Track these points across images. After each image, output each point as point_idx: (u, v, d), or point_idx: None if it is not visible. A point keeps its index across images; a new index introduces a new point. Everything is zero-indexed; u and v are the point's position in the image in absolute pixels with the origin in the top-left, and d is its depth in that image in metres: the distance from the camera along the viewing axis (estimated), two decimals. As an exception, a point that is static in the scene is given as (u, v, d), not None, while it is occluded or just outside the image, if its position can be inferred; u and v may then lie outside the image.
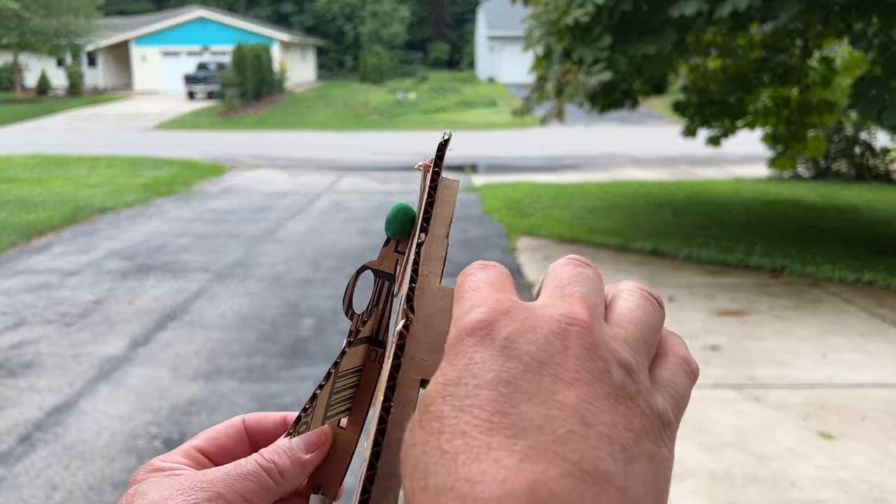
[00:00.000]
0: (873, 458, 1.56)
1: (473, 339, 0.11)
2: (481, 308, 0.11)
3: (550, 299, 0.12)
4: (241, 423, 0.18)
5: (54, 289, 2.77)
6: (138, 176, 5.88)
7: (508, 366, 0.10)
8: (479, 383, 0.10)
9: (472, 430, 0.10)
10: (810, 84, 3.80)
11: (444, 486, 0.09)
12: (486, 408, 0.10)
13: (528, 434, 0.09)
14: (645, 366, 0.12)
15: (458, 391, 0.10)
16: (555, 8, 2.56)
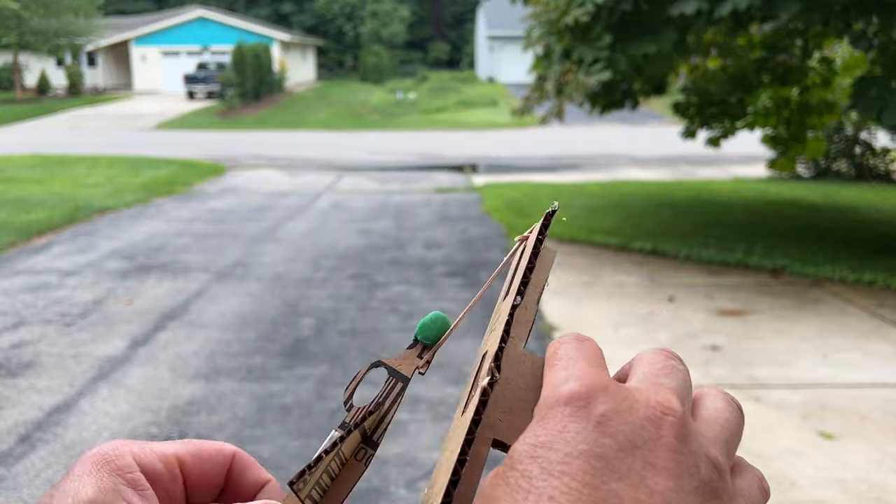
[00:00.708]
0: (873, 457, 1.56)
1: (569, 409, 0.11)
2: (579, 380, 0.12)
3: (644, 384, 0.12)
4: (230, 456, 0.17)
5: (54, 289, 2.77)
6: (138, 176, 5.88)
7: (603, 441, 0.11)
8: (571, 452, 0.10)
9: (560, 496, 0.10)
10: (810, 84, 3.80)
11: None
12: (577, 477, 0.10)
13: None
14: (729, 468, 0.12)
15: (549, 455, 0.11)
16: (555, 7, 2.56)
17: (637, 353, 0.14)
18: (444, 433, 1.66)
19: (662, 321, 2.43)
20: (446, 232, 3.89)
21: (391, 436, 1.64)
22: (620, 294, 2.74)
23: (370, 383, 0.18)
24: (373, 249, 3.49)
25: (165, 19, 17.75)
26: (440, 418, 1.73)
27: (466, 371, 2.02)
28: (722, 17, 2.29)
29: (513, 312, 0.15)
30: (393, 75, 18.61)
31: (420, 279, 2.92)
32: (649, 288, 2.81)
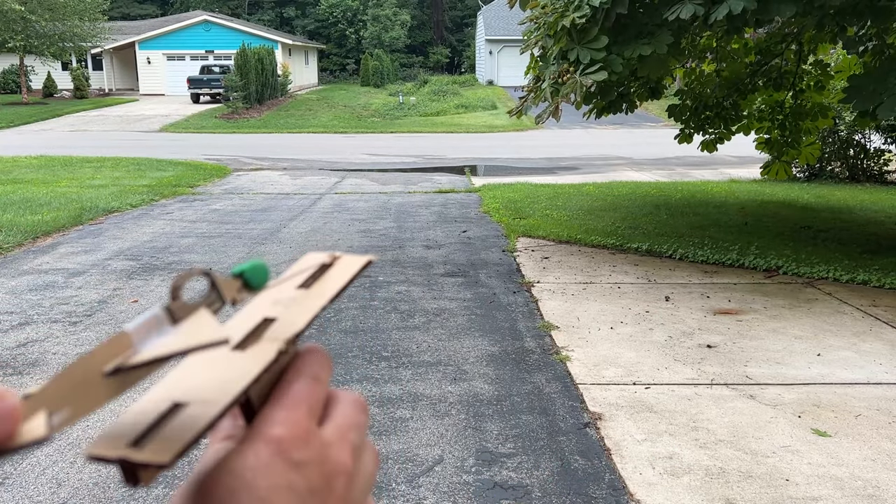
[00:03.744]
0: (867, 455, 1.58)
1: (273, 448, 0.13)
2: (291, 428, 0.14)
3: (335, 437, 0.15)
4: None
5: (60, 288, 2.80)
6: (143, 177, 5.92)
7: (298, 482, 0.13)
8: (272, 485, 0.13)
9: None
10: (804, 88, 3.82)
11: None
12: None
13: None
14: (357, 455, 0.15)
15: (256, 482, 0.13)
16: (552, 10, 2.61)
17: (335, 401, 0.16)
18: (444, 431, 1.67)
19: (659, 320, 2.45)
20: (446, 232, 3.91)
21: (391, 432, 1.66)
22: (617, 294, 2.76)
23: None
24: (374, 249, 3.52)
25: (170, 23, 17.90)
26: (440, 415, 1.75)
27: (465, 369, 2.04)
28: (717, 20, 2.33)
29: (326, 305, 0.17)
30: (394, 79, 18.69)
31: (420, 279, 2.95)
32: (646, 288, 2.83)
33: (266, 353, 0.16)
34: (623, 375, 1.99)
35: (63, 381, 0.13)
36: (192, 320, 0.15)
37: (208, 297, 0.16)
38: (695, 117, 3.95)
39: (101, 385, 0.14)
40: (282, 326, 0.17)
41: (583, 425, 1.70)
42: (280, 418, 0.14)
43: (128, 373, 0.14)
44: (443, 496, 1.42)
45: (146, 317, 0.15)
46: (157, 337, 0.15)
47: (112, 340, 0.14)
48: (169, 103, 14.79)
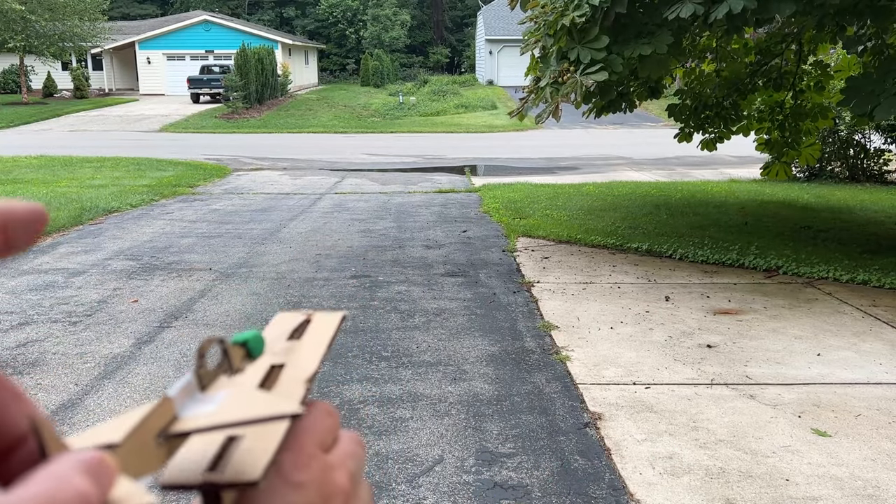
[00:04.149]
0: (867, 455, 1.58)
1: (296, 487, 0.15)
2: (311, 475, 0.15)
3: (339, 462, 0.17)
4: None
5: (60, 288, 2.80)
6: (143, 177, 5.92)
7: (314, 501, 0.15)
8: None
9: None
10: (804, 88, 3.82)
11: None
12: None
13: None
14: (355, 482, 0.17)
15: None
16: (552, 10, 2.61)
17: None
18: (444, 430, 1.68)
19: (659, 320, 2.45)
20: (446, 232, 3.92)
21: (391, 432, 1.67)
22: (617, 293, 2.76)
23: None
24: (374, 249, 3.52)
25: (170, 23, 17.89)
26: (440, 415, 1.76)
27: (465, 369, 2.05)
28: (717, 19, 2.33)
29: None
30: (394, 79, 18.66)
31: (420, 279, 2.95)
32: (646, 287, 2.83)
33: (294, 388, 0.17)
34: (623, 375, 1.99)
35: (125, 448, 0.13)
36: (218, 386, 0.16)
37: (222, 365, 0.17)
38: (694, 117, 3.95)
39: (154, 451, 0.14)
40: (294, 370, 0.17)
41: (583, 425, 1.70)
42: (287, 445, 0.15)
43: (176, 439, 0.15)
44: (443, 496, 1.42)
45: (184, 382, 0.16)
46: (192, 402, 0.15)
47: (159, 406, 0.15)
48: (169, 103, 14.77)
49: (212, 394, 0.16)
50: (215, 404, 0.15)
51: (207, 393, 0.16)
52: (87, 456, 0.12)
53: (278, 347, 0.18)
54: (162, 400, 0.15)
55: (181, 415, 0.15)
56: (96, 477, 0.12)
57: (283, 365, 0.17)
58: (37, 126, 11.37)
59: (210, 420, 0.15)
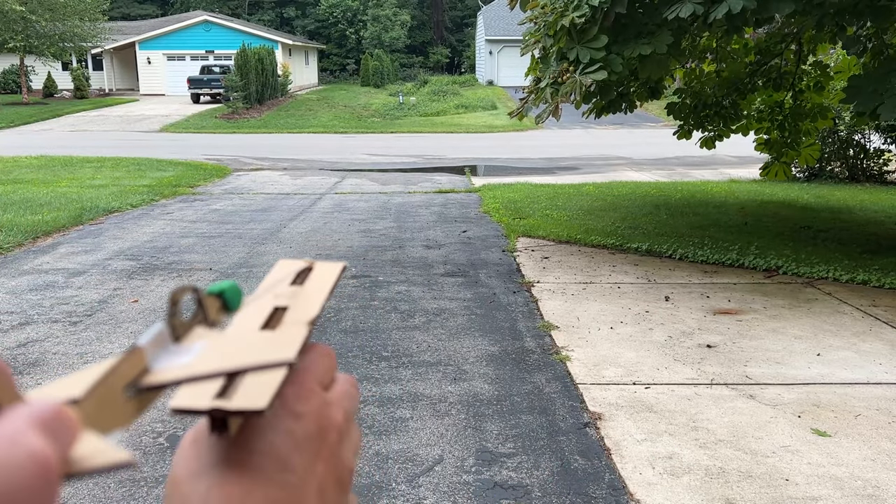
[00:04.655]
0: (867, 455, 1.58)
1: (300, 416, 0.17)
2: (315, 410, 0.16)
3: (331, 400, 0.18)
4: None
5: (60, 288, 2.80)
6: (143, 177, 5.92)
7: (315, 437, 0.17)
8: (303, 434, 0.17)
9: (299, 460, 0.16)
10: (804, 89, 3.81)
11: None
12: (307, 451, 0.16)
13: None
14: (348, 420, 0.18)
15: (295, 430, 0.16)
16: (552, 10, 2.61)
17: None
18: (444, 430, 1.68)
19: (658, 320, 2.45)
20: (446, 232, 3.91)
21: (392, 432, 1.67)
22: (617, 294, 2.76)
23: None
24: (374, 249, 3.52)
25: (170, 24, 17.89)
26: (440, 415, 1.76)
27: (465, 369, 2.05)
28: (717, 19, 2.33)
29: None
30: (394, 79, 18.67)
31: (420, 279, 2.95)
32: (645, 287, 2.83)
33: (298, 329, 0.17)
34: (623, 375, 1.99)
35: (90, 401, 0.13)
36: (193, 337, 0.16)
37: (197, 316, 0.16)
38: (694, 115, 3.95)
39: (123, 405, 0.14)
40: (297, 313, 0.17)
41: (583, 425, 1.70)
42: (289, 379, 0.16)
43: (148, 392, 0.14)
44: (443, 496, 1.42)
45: (155, 332, 0.15)
46: (165, 354, 0.15)
47: (128, 356, 0.14)
48: (169, 103, 14.77)
49: (187, 345, 0.15)
50: (192, 355, 0.15)
51: (182, 344, 0.15)
52: (42, 408, 0.11)
53: (281, 291, 0.18)
54: (131, 350, 0.14)
55: (153, 367, 0.14)
56: (54, 432, 0.11)
57: (286, 308, 0.17)
58: (37, 126, 11.36)
59: (186, 371, 0.14)
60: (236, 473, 0.15)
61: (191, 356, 0.15)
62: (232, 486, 0.15)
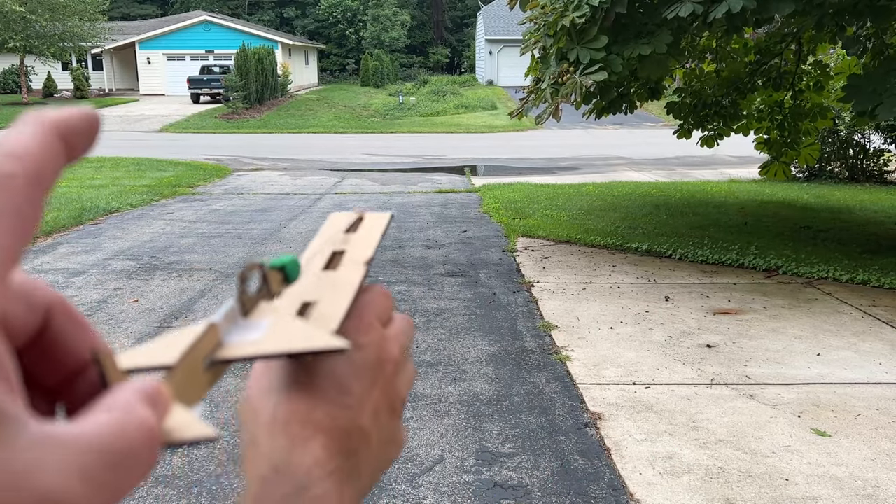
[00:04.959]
0: (867, 455, 1.58)
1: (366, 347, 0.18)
2: (377, 343, 0.19)
3: (392, 336, 0.19)
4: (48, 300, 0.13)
5: (60, 288, 2.81)
6: (143, 177, 5.93)
7: (376, 367, 0.18)
8: (363, 365, 0.18)
9: (369, 383, 0.18)
10: (804, 88, 3.82)
11: None
12: (371, 378, 0.18)
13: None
14: (404, 354, 0.20)
15: (363, 359, 0.18)
16: (552, 10, 2.61)
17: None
18: (444, 430, 1.68)
19: (658, 320, 2.45)
20: (446, 232, 3.91)
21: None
22: (617, 294, 2.76)
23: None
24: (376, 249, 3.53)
25: (170, 24, 17.89)
26: (440, 415, 1.76)
27: (465, 369, 2.05)
28: (716, 19, 2.33)
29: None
30: (394, 79, 18.66)
31: (420, 279, 2.95)
32: (645, 287, 2.83)
33: (356, 268, 0.18)
34: (623, 375, 1.99)
35: (176, 374, 0.14)
36: (259, 312, 0.16)
37: (262, 290, 0.17)
38: (694, 114, 3.95)
39: (202, 377, 0.14)
40: (353, 254, 0.19)
41: (583, 425, 1.70)
42: (351, 313, 0.18)
43: (220, 365, 0.15)
44: (443, 496, 1.42)
45: (226, 308, 0.16)
46: (235, 328, 0.16)
47: (206, 333, 0.15)
48: (169, 103, 14.78)
49: (255, 320, 0.16)
50: (260, 332, 0.15)
51: (250, 319, 0.16)
52: (147, 385, 0.13)
53: (337, 238, 0.20)
54: (208, 326, 0.15)
55: (225, 341, 0.15)
56: (156, 406, 0.12)
57: (343, 251, 0.19)
58: (37, 126, 11.41)
59: (256, 348, 0.15)
60: (302, 393, 0.16)
61: (260, 332, 0.16)
62: (297, 404, 0.16)
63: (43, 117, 0.12)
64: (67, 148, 0.12)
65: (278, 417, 0.16)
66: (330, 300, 0.17)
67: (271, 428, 0.16)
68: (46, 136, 0.12)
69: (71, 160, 0.12)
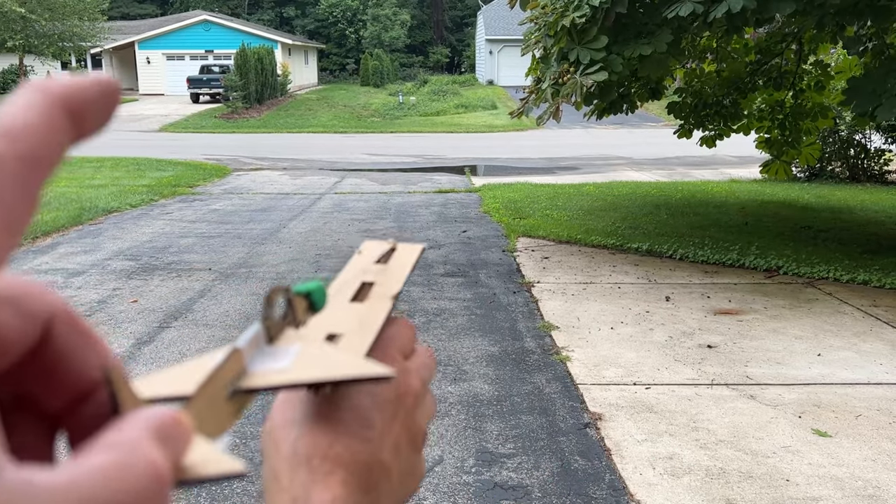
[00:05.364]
0: (867, 455, 1.58)
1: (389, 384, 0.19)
2: (402, 379, 0.19)
3: (414, 369, 0.20)
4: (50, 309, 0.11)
5: (59, 288, 2.81)
6: (143, 177, 5.93)
7: (396, 401, 0.19)
8: (384, 399, 0.19)
9: (383, 416, 0.18)
10: (805, 88, 3.82)
11: None
12: (389, 412, 0.18)
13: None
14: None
15: (381, 396, 0.19)
16: (552, 10, 2.61)
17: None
18: (444, 431, 1.68)
19: (659, 320, 2.45)
20: (446, 232, 3.91)
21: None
22: (617, 294, 2.76)
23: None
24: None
25: (170, 23, 17.89)
26: (440, 415, 1.75)
27: (465, 370, 2.04)
28: (716, 18, 2.32)
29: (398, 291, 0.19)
30: (394, 78, 18.66)
31: (420, 279, 2.95)
32: (646, 288, 2.83)
33: (383, 303, 0.19)
34: (623, 376, 1.99)
35: (197, 404, 0.13)
36: (285, 339, 0.16)
37: (287, 317, 0.17)
38: (694, 114, 3.95)
39: (225, 407, 0.13)
40: (382, 288, 0.19)
41: (583, 426, 1.70)
42: (374, 346, 0.18)
43: (246, 394, 0.14)
44: (443, 496, 1.42)
45: (251, 333, 0.15)
46: (260, 355, 0.15)
47: (229, 359, 0.14)
48: (168, 103, 14.78)
49: (282, 347, 0.15)
50: (288, 360, 0.15)
51: (276, 346, 0.16)
52: (160, 416, 0.11)
53: (369, 269, 0.20)
54: (231, 351, 0.14)
55: (250, 369, 0.14)
56: (169, 441, 0.11)
57: (373, 283, 0.19)
58: (36, 126, 11.38)
59: (285, 377, 0.14)
60: (323, 426, 0.17)
61: (287, 360, 0.15)
62: (318, 437, 0.16)
63: (48, 86, 0.10)
64: (76, 123, 0.10)
65: (299, 451, 0.16)
66: (355, 334, 0.17)
67: (292, 461, 0.16)
68: (50, 109, 0.10)
69: (81, 137, 0.10)
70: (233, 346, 0.14)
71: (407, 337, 0.19)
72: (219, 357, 0.14)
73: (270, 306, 0.16)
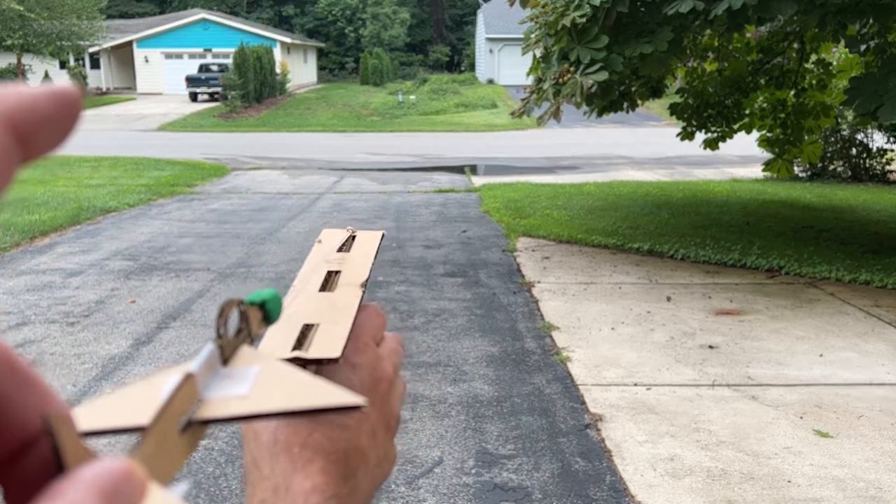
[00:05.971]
0: (869, 456, 1.57)
1: (361, 368, 0.20)
2: (370, 365, 0.20)
3: (386, 356, 0.21)
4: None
5: (57, 288, 2.79)
6: (141, 177, 5.91)
7: (369, 383, 0.20)
8: (362, 380, 0.20)
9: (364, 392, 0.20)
10: (806, 87, 3.81)
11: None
12: (365, 391, 0.20)
13: None
14: (396, 370, 0.21)
15: (359, 375, 0.20)
16: (553, 9, 2.60)
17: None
18: (444, 432, 1.67)
19: (660, 320, 2.44)
20: (446, 232, 3.91)
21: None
22: (618, 294, 2.75)
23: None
24: (373, 250, 3.51)
25: (168, 22, 17.84)
26: (440, 416, 1.75)
27: (465, 370, 2.03)
28: (717, 16, 2.31)
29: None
30: (393, 77, 18.66)
31: (420, 279, 2.94)
32: (647, 288, 2.83)
33: (353, 291, 0.19)
34: (624, 376, 1.98)
35: (149, 442, 0.11)
36: (240, 359, 0.14)
37: (241, 332, 0.15)
38: (697, 115, 3.95)
39: (178, 441, 0.12)
40: (349, 276, 0.19)
41: (583, 426, 1.70)
42: (369, 358, 0.19)
43: (200, 427, 0.12)
44: (442, 498, 1.41)
45: (206, 355, 0.14)
46: (216, 379, 0.13)
47: (182, 386, 0.12)
48: (167, 102, 14.75)
49: (239, 369, 0.14)
50: (246, 385, 0.13)
51: (232, 367, 0.14)
52: (108, 473, 0.09)
53: (332, 257, 0.20)
54: (184, 377, 0.12)
55: (205, 395, 0.13)
56: (119, 499, 0.09)
57: (339, 272, 0.19)
58: (35, 125, 11.37)
59: (244, 407, 0.13)
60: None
61: (246, 385, 0.13)
62: (299, 425, 0.17)
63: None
64: (23, 145, 0.09)
65: (279, 439, 0.17)
66: (331, 323, 0.17)
67: (272, 449, 0.17)
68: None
69: (31, 159, 0.09)
70: (185, 369, 0.13)
71: (378, 324, 0.19)
72: (170, 382, 0.12)
73: (224, 322, 0.14)
